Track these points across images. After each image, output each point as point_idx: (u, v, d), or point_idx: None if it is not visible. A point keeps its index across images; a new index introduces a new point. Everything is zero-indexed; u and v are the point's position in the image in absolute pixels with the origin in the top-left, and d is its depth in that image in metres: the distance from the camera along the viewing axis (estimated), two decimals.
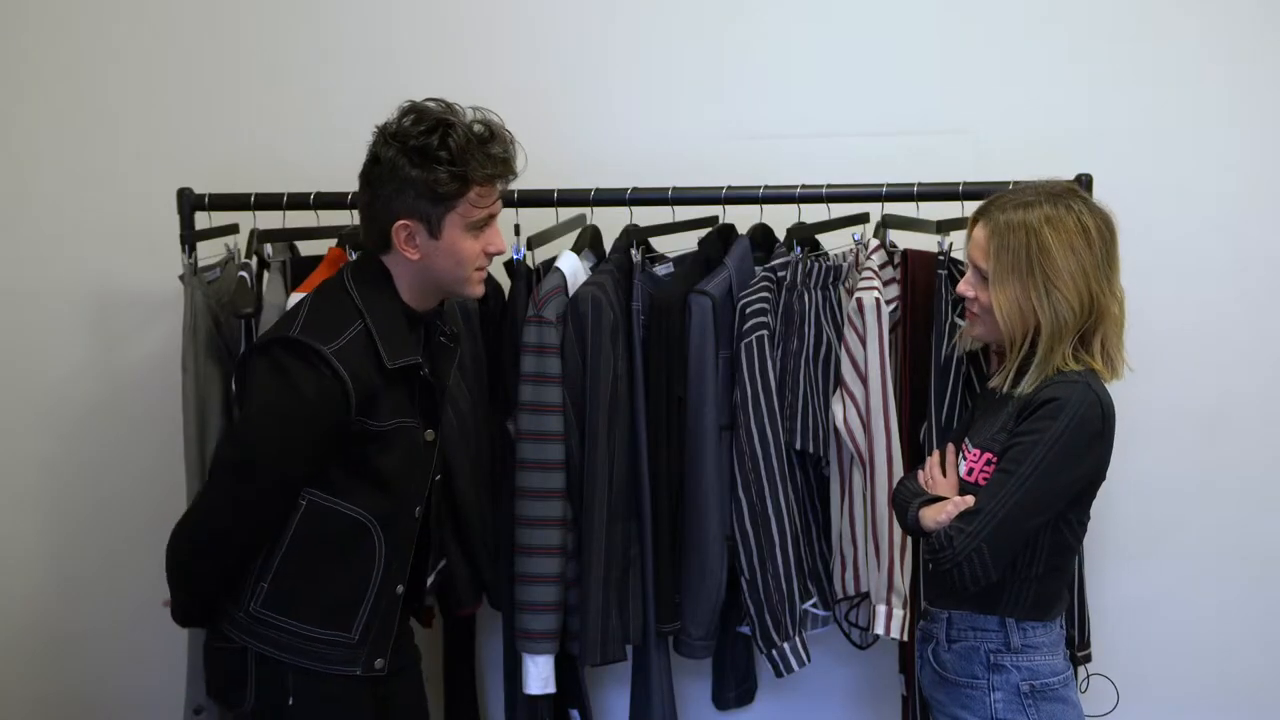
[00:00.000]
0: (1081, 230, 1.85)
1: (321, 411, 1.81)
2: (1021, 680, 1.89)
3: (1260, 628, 2.86)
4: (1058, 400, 1.82)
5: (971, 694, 1.91)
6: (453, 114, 1.90)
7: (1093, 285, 1.85)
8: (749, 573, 2.41)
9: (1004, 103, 2.80)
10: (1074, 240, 1.84)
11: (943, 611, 1.98)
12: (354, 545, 1.90)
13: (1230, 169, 2.77)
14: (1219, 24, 2.76)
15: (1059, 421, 1.80)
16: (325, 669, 1.92)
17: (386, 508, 1.91)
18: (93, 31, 2.99)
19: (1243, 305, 2.79)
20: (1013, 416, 1.88)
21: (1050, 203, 1.87)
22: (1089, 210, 1.89)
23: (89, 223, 3.01)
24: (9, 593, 3.14)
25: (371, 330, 1.86)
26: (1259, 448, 2.81)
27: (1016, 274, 1.85)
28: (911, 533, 2.01)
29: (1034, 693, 1.89)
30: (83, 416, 3.07)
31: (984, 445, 1.93)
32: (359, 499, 1.89)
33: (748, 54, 2.87)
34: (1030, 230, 1.84)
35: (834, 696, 2.94)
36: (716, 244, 2.57)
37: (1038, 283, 1.84)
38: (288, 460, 1.84)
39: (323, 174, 2.67)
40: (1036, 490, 1.80)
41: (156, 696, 3.05)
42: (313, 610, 1.91)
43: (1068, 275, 1.83)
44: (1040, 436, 1.80)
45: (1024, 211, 1.87)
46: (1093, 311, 1.86)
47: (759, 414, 2.37)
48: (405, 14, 2.94)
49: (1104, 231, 1.88)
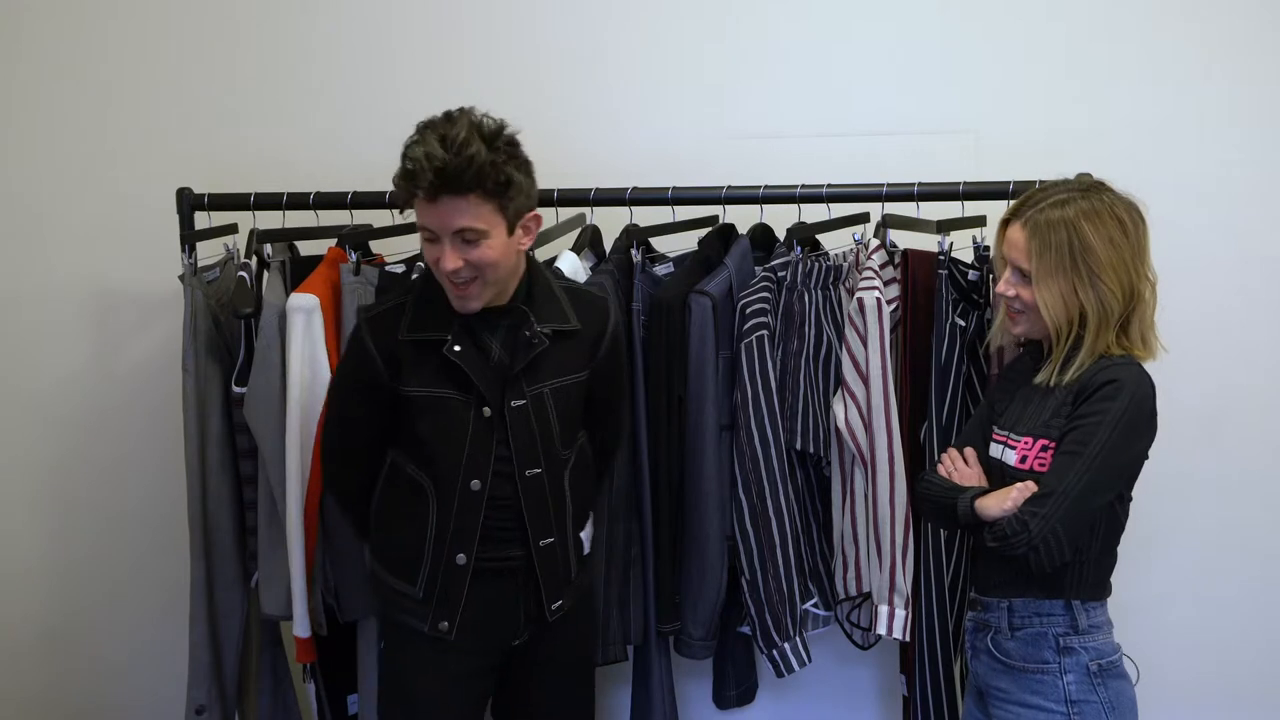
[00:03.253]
0: (1118, 222, 1.91)
1: (353, 362, 2.10)
2: (1090, 660, 1.93)
3: (1262, 624, 2.86)
4: (1117, 381, 1.87)
5: (1043, 679, 1.94)
6: (436, 125, 1.91)
7: (1132, 273, 1.91)
8: (749, 573, 2.41)
9: (1004, 103, 2.80)
10: (1112, 233, 1.90)
11: (1001, 600, 1.99)
12: (414, 504, 2.06)
13: (1231, 168, 2.77)
14: (1219, 24, 2.76)
15: (1119, 400, 1.85)
16: (401, 619, 2.12)
17: (436, 474, 2.04)
18: (92, 31, 2.99)
19: (1244, 303, 2.80)
20: (1067, 403, 1.92)
21: (1084, 198, 1.92)
22: (1120, 201, 1.94)
23: (89, 223, 3.01)
24: (9, 592, 3.14)
25: (405, 305, 2.05)
26: (1261, 445, 2.81)
27: (1060, 270, 1.90)
28: (962, 527, 2.00)
29: (1101, 671, 1.93)
30: (83, 416, 3.07)
31: (1037, 432, 1.94)
32: (415, 461, 2.06)
33: (748, 54, 2.87)
34: (1070, 227, 1.89)
35: (835, 696, 2.94)
36: (717, 244, 2.57)
37: (1082, 277, 1.89)
38: (342, 395, 2.16)
39: (322, 174, 2.68)
40: (1104, 468, 1.85)
41: (157, 697, 3.06)
42: (391, 559, 2.12)
43: (1109, 267, 1.89)
44: (1104, 417, 1.85)
45: (1060, 209, 1.92)
46: (1133, 297, 1.92)
47: (759, 414, 2.37)
48: (405, 14, 2.93)
49: (1136, 220, 1.94)
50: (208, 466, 2.51)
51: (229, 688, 2.60)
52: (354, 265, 2.44)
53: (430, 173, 1.84)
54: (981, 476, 2.02)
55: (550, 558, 2.10)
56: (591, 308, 2.16)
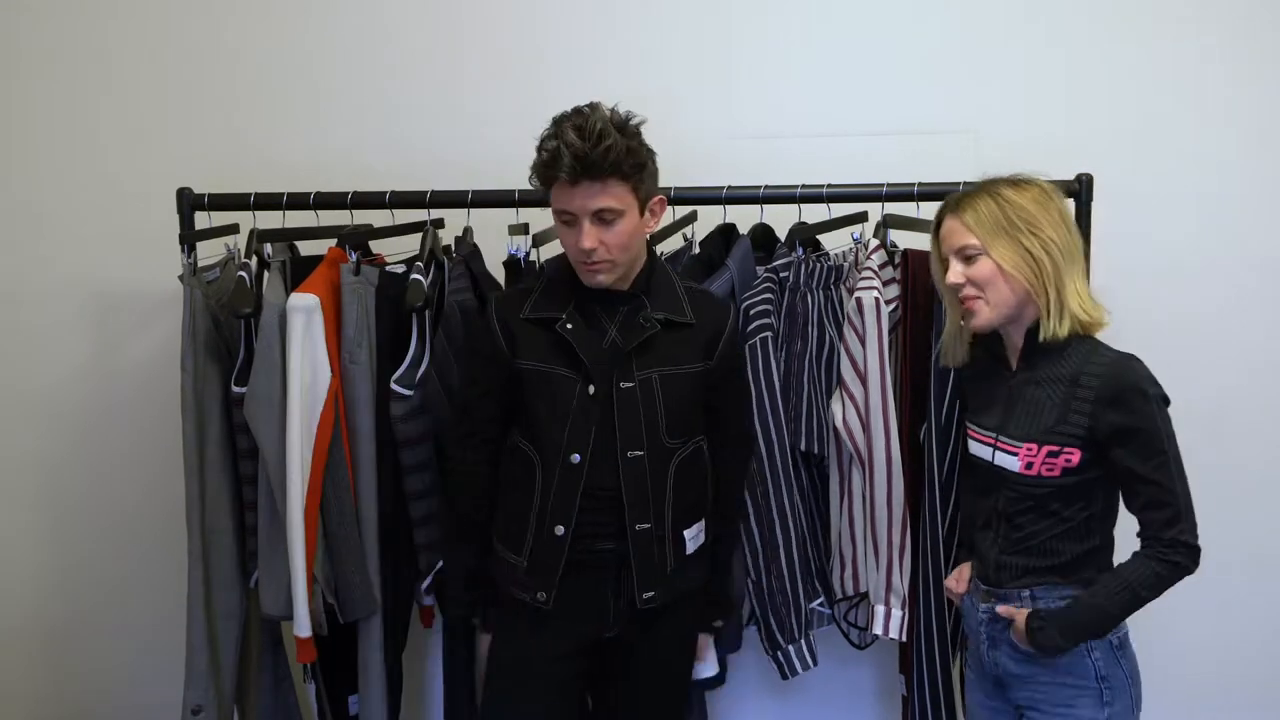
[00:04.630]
0: (1038, 189, 1.99)
1: (481, 336, 2.26)
2: (1112, 635, 1.99)
3: (1262, 624, 2.86)
4: (1132, 383, 1.91)
5: (1071, 660, 1.98)
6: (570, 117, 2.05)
7: (1065, 228, 1.97)
8: (754, 574, 2.41)
9: (1004, 103, 2.81)
10: (1034, 195, 1.98)
11: (1021, 590, 2.02)
12: (523, 477, 2.18)
13: (1229, 168, 2.78)
14: (1219, 25, 2.77)
15: (1150, 399, 1.90)
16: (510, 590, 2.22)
17: (541, 446, 2.16)
18: (92, 31, 2.99)
19: (1242, 304, 2.80)
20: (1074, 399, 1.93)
21: (993, 180, 2.03)
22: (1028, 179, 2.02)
23: (89, 223, 3.01)
24: (9, 592, 3.14)
25: (532, 290, 2.21)
26: (1259, 445, 2.82)
27: (1000, 230, 1.96)
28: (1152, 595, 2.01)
29: (1120, 644, 1.99)
30: (83, 416, 3.07)
31: (1042, 439, 1.96)
32: (525, 435, 2.19)
33: (748, 54, 2.87)
34: (994, 195, 1.99)
35: (835, 696, 2.94)
36: (718, 244, 2.57)
37: (1022, 230, 1.95)
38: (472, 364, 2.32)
39: (323, 174, 2.68)
40: (1177, 454, 1.93)
41: (156, 696, 3.06)
42: (504, 530, 2.23)
43: (1043, 218, 1.96)
44: (1152, 420, 1.90)
45: (980, 190, 2.01)
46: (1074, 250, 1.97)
47: (764, 415, 2.37)
48: (404, 15, 2.94)
49: (1050, 188, 2.01)
50: (207, 466, 2.51)
51: (227, 688, 2.60)
52: (354, 265, 2.44)
53: (571, 160, 1.99)
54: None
55: (645, 545, 2.16)
56: (709, 307, 2.24)
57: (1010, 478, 2.00)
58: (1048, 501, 1.97)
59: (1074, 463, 1.94)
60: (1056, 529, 1.98)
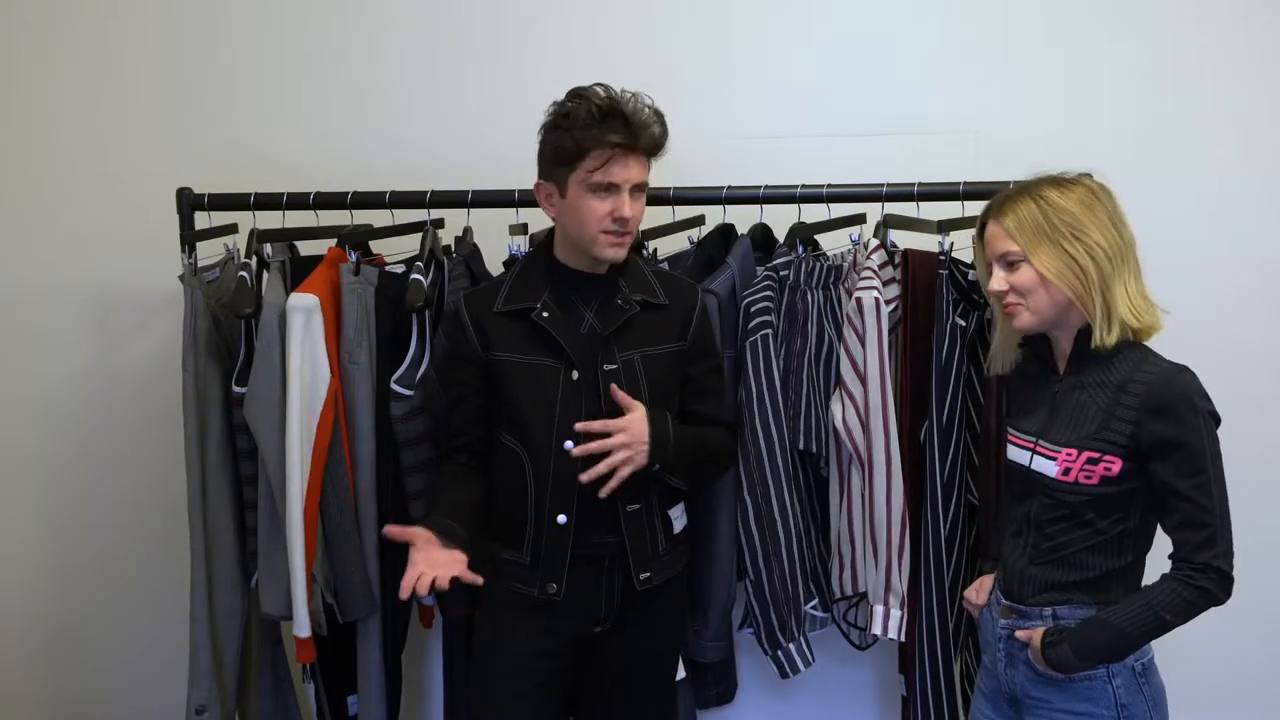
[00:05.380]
0: (1084, 189, 1.94)
1: (453, 334, 2.25)
2: (1135, 661, 1.92)
3: (1262, 624, 2.85)
4: (1181, 394, 1.84)
5: (1091, 685, 1.92)
6: (590, 91, 2.10)
7: (1113, 230, 1.91)
8: (754, 573, 2.41)
9: (1004, 103, 2.81)
10: (1080, 196, 1.92)
11: (1043, 609, 1.96)
12: (514, 473, 2.19)
13: (1230, 168, 2.78)
14: (1219, 25, 2.76)
15: (1199, 414, 1.83)
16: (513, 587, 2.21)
17: (528, 438, 2.16)
18: (92, 31, 2.99)
19: (1243, 304, 2.80)
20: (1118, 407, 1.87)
21: (1038, 181, 1.97)
22: (1074, 179, 1.97)
23: (89, 223, 3.01)
24: (9, 592, 3.14)
25: (504, 281, 2.23)
26: (1259, 445, 2.81)
27: (1043, 236, 1.90)
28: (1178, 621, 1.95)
29: (1144, 671, 1.93)
30: (83, 416, 3.07)
31: (1082, 445, 1.90)
32: (510, 430, 2.19)
33: (748, 54, 2.87)
34: (1037, 198, 1.93)
35: (835, 696, 2.94)
36: (718, 243, 2.57)
37: (1065, 235, 1.89)
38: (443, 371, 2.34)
39: (322, 174, 2.68)
40: (1221, 476, 1.85)
41: (157, 696, 3.06)
42: (500, 529, 2.22)
43: (1089, 221, 1.90)
44: (1198, 435, 1.83)
45: (1023, 192, 1.96)
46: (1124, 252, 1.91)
47: (764, 413, 2.37)
48: (404, 15, 2.94)
49: (1099, 188, 1.96)
50: (208, 466, 2.51)
51: (229, 688, 2.60)
52: (354, 265, 2.45)
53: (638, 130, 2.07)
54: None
55: (638, 527, 2.19)
56: (677, 288, 2.28)
57: (1046, 483, 1.93)
58: (1082, 511, 1.90)
59: (1113, 472, 1.87)
60: (1089, 541, 1.91)
